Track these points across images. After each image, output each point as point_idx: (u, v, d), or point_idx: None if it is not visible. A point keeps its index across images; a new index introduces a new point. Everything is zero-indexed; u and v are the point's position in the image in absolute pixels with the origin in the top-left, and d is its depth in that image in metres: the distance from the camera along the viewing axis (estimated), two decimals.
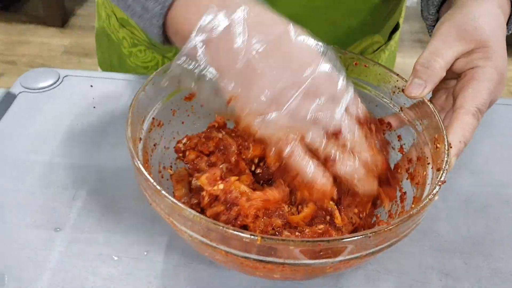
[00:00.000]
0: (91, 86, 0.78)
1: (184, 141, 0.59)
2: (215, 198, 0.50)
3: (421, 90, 0.53)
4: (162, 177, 0.58)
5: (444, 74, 0.54)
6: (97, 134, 0.70)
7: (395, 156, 0.59)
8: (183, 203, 0.53)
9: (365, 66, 0.60)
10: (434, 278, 0.55)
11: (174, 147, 0.59)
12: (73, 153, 0.67)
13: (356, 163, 0.48)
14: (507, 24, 0.59)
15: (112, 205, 0.60)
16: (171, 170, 0.59)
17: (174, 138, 0.60)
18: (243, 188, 0.49)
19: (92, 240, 0.56)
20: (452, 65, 0.55)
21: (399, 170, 0.57)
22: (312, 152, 0.48)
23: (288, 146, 0.47)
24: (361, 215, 0.53)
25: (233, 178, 0.50)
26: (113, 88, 0.78)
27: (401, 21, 0.89)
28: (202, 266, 0.54)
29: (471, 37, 0.54)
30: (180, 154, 0.58)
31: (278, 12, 0.54)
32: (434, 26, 0.61)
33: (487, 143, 0.73)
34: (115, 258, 0.55)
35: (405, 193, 0.55)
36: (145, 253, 0.55)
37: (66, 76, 0.80)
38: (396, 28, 0.87)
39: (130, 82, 0.79)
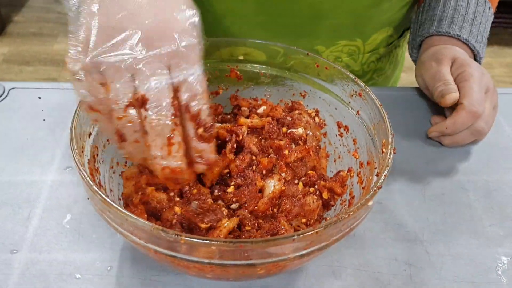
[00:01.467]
0: (39, 97, 0.74)
1: None
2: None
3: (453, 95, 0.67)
4: (114, 173, 0.56)
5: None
6: (48, 147, 0.67)
7: (349, 160, 0.60)
8: (130, 201, 0.52)
9: (326, 68, 0.61)
10: (399, 269, 0.56)
11: None
12: (24, 169, 0.64)
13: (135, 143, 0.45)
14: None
15: (70, 221, 0.58)
16: (125, 166, 0.58)
17: None
18: (162, 196, 0.51)
19: (52, 259, 0.54)
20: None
21: (351, 174, 0.58)
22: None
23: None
24: (308, 223, 0.53)
25: (149, 189, 0.51)
26: (63, 98, 0.75)
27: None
28: (170, 278, 0.53)
29: (444, 58, 0.72)
30: None
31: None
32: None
33: None
34: (78, 277, 0.53)
35: (353, 197, 0.56)
36: (109, 268, 0.54)
37: (11, 88, 0.76)
38: (408, 27, 0.92)
39: None
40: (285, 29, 0.78)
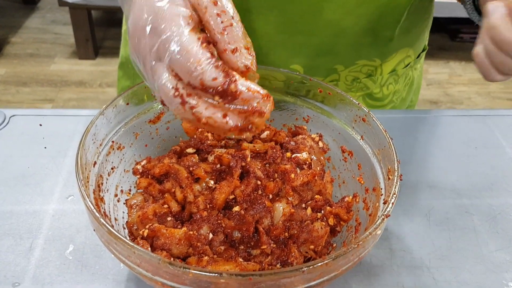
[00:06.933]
0: (40, 125, 0.74)
1: (143, 163, 0.57)
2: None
3: None
4: (118, 201, 0.56)
5: None
6: (50, 175, 0.67)
7: (354, 185, 0.60)
8: (135, 230, 0.52)
9: (329, 94, 0.61)
10: None
11: (132, 169, 0.57)
12: (26, 199, 0.63)
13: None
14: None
15: (73, 252, 0.57)
16: (129, 193, 0.58)
17: (135, 161, 0.59)
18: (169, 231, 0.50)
19: None
20: None
21: (356, 199, 0.58)
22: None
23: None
24: (316, 249, 0.53)
25: (157, 226, 0.50)
26: (65, 125, 0.74)
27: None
28: None
29: None
30: (138, 176, 0.57)
31: (323, 16, 0.64)
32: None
33: (442, 157, 0.75)
34: None
35: (360, 223, 0.55)
36: None
37: (12, 116, 0.76)
38: (424, 49, 0.92)
39: (82, 118, 0.76)
40: (304, 47, 0.77)
